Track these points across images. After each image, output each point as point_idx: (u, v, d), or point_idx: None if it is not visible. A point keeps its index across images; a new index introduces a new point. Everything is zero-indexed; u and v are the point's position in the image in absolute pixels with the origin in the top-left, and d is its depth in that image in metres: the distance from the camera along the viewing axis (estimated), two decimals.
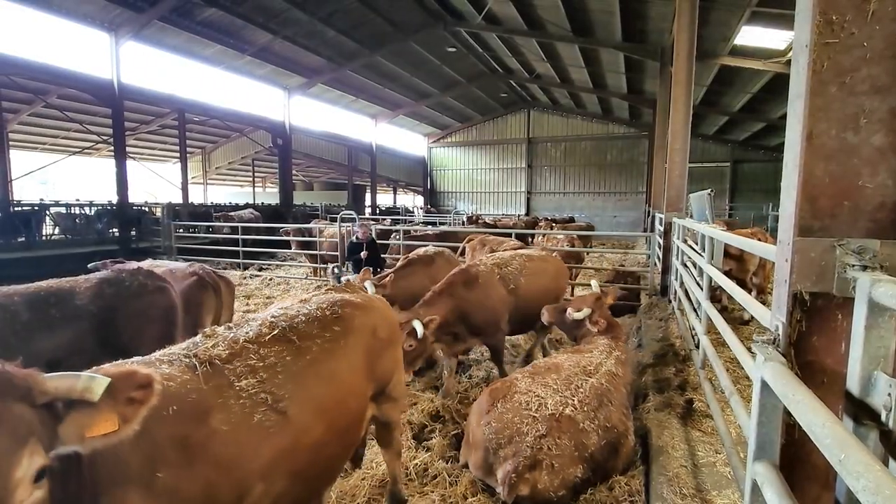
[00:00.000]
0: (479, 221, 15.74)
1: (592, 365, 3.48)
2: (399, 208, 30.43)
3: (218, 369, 1.69)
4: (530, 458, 2.82)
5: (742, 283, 6.61)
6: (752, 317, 6.58)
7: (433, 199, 33.09)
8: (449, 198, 32.81)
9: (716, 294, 5.96)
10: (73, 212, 14.56)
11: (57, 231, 14.24)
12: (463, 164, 32.44)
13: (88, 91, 13.84)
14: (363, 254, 7.25)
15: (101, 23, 13.54)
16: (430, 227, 16.68)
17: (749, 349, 2.10)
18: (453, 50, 20.61)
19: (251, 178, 28.88)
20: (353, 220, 10.66)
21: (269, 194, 33.17)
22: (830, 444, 0.98)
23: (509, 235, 9.11)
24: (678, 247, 6.73)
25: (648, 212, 17.69)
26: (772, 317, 1.74)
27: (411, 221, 20.87)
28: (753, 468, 1.49)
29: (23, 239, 12.29)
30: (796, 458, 1.56)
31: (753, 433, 1.52)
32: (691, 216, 7.46)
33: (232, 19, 15.10)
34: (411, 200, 37.13)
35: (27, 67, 12.59)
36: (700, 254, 4.72)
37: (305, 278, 11.55)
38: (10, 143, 18.39)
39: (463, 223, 19.71)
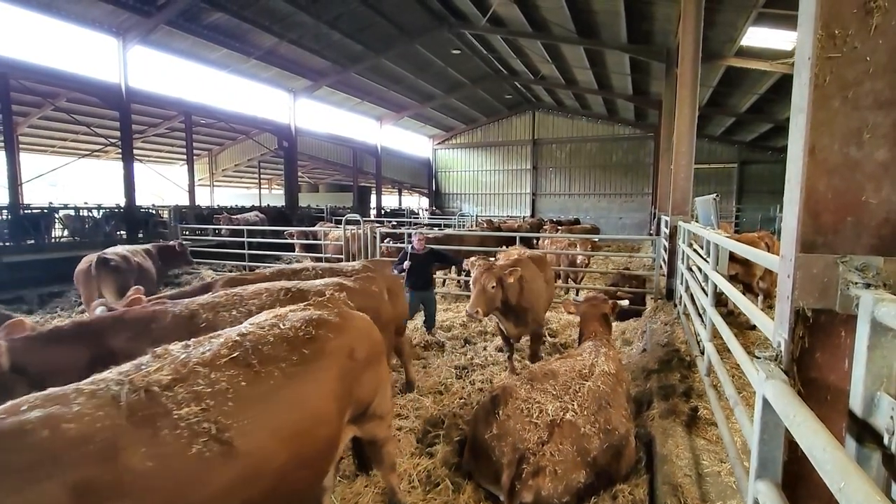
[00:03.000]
0: (488, 226, 15.69)
1: (586, 367, 3.59)
2: (404, 210, 30.46)
3: (154, 397, 1.60)
4: (533, 464, 2.82)
5: (748, 288, 6.56)
6: None
7: (438, 200, 33.09)
8: (454, 199, 32.80)
9: (721, 298, 5.90)
10: (81, 214, 14.71)
11: (66, 233, 14.40)
12: (468, 165, 32.42)
13: (96, 95, 13.98)
14: (406, 264, 7.01)
15: (109, 27, 13.69)
16: (434, 228, 16.71)
17: (754, 355, 2.08)
18: (458, 52, 20.64)
19: (257, 180, 29.06)
20: (357, 222, 10.65)
21: (275, 196, 33.37)
22: (831, 470, 0.97)
23: (514, 240, 9.09)
24: (683, 251, 6.68)
25: (654, 213, 17.57)
26: (774, 332, 1.73)
27: (416, 224, 20.88)
28: (755, 486, 1.48)
29: (32, 241, 12.46)
30: (799, 476, 1.54)
31: (755, 451, 1.51)
32: (697, 220, 7.41)
33: (238, 23, 15.22)
34: (416, 202, 37.15)
35: (36, 72, 12.76)
36: (705, 259, 4.69)
37: None
38: (20, 146, 18.62)
39: (460, 225, 19.75)
